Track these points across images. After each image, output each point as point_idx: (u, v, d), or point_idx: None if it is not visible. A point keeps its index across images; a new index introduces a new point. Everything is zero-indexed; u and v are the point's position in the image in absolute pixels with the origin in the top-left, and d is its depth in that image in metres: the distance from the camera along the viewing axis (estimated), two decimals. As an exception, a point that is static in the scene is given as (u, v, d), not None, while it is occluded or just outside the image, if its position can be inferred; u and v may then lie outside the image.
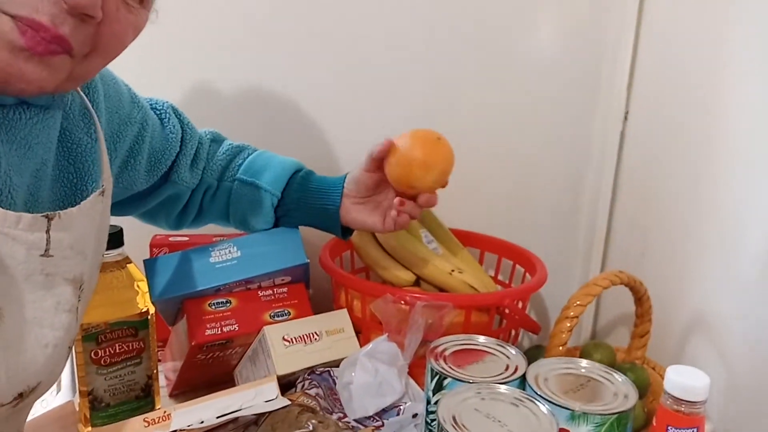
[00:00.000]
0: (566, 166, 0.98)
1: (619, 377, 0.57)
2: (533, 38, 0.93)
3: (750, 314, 0.67)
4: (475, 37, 0.92)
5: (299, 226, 0.78)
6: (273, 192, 0.76)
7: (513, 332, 0.82)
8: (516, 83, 0.94)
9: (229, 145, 0.80)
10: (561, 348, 0.67)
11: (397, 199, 0.72)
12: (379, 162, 0.73)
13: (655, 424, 0.52)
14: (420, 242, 0.85)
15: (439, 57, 0.92)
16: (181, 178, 0.74)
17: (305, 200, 0.77)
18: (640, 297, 0.75)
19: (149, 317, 0.71)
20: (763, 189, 0.67)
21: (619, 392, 0.55)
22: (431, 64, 0.93)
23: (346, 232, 0.79)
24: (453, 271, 0.80)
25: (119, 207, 0.72)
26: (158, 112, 0.73)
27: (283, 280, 0.76)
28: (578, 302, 0.68)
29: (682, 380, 0.50)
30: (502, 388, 0.55)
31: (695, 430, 0.50)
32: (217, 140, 0.80)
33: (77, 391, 0.72)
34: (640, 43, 0.90)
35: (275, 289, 0.75)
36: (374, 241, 0.87)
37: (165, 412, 0.61)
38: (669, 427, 0.50)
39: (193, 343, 0.70)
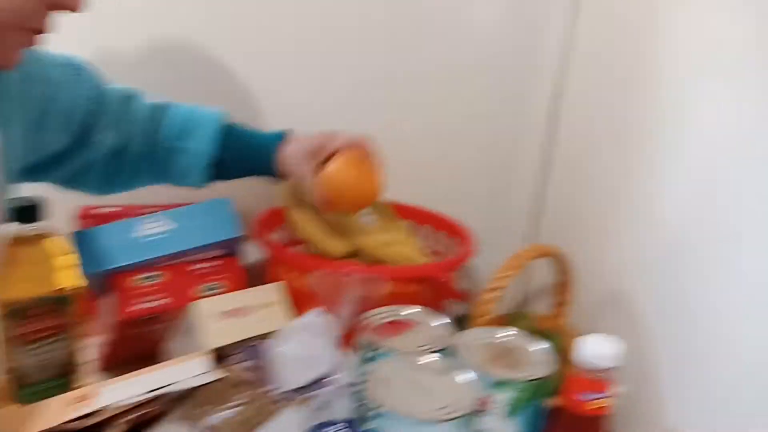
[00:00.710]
0: (501, 140, 1.01)
1: (539, 345, 0.61)
2: (471, 12, 0.94)
3: (658, 288, 0.72)
4: (410, 7, 0.92)
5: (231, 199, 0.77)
6: (207, 152, 0.75)
7: (442, 302, 0.84)
8: (453, 57, 0.95)
9: (152, 105, 0.76)
10: (485, 318, 0.70)
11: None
12: None
13: (566, 389, 0.55)
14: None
15: (374, 27, 0.92)
16: (100, 140, 0.72)
17: (238, 160, 0.77)
18: (562, 268, 0.79)
19: (75, 292, 0.69)
20: (678, 174, 0.71)
21: (538, 360, 0.59)
22: (366, 34, 0.92)
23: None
24: (388, 243, 0.82)
25: (36, 172, 0.70)
26: (71, 69, 0.70)
27: (215, 253, 0.75)
28: (503, 274, 0.70)
29: (590, 349, 0.53)
30: (429, 358, 0.57)
31: (602, 394, 0.53)
32: (133, 97, 0.76)
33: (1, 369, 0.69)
34: (578, 18, 0.92)
35: (207, 262, 0.75)
36: (310, 212, 0.87)
37: (92, 388, 0.60)
38: (578, 393, 0.54)
39: (120, 318, 0.69)
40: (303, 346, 0.66)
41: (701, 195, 0.67)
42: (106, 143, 0.73)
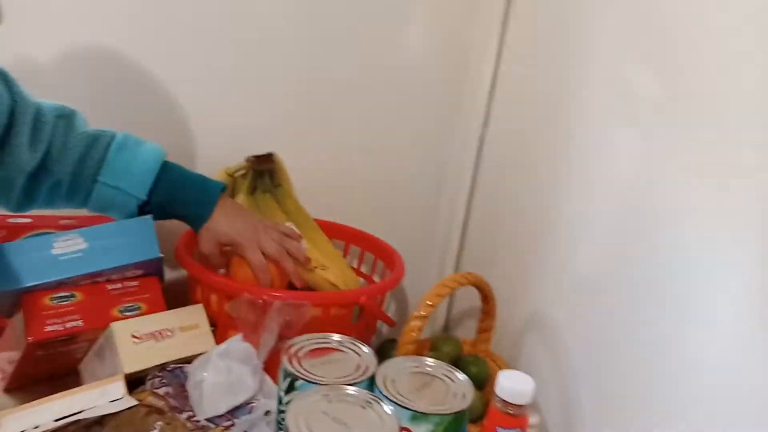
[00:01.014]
0: (429, 165, 1.03)
1: (460, 376, 0.61)
2: (403, 38, 0.96)
3: (581, 317, 0.75)
4: (345, 34, 0.92)
5: (148, 216, 0.75)
6: (138, 196, 0.73)
7: (370, 324, 0.84)
8: (385, 81, 0.96)
9: (82, 133, 0.72)
10: (411, 346, 0.70)
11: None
12: None
13: (485, 423, 0.57)
14: (284, 236, 0.85)
15: (310, 52, 0.92)
16: (15, 159, 0.67)
17: (171, 205, 0.75)
18: (485, 296, 0.81)
19: (-20, 311, 0.65)
20: (598, 210, 0.74)
21: (458, 391, 0.60)
22: (301, 57, 0.91)
23: None
24: (316, 267, 0.81)
25: None
26: None
27: (134, 273, 0.73)
28: (429, 302, 0.71)
29: (510, 385, 0.55)
30: (350, 389, 0.57)
31: (519, 430, 0.55)
32: (63, 117, 0.72)
33: None
34: (503, 50, 0.95)
35: (125, 282, 0.72)
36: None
37: (-6, 417, 0.57)
38: (498, 428, 0.55)
39: (30, 340, 0.65)
40: (224, 372, 0.65)
41: (617, 224, 0.70)
42: (24, 165, 0.69)
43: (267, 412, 0.65)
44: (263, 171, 0.88)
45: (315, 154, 0.96)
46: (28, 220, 0.80)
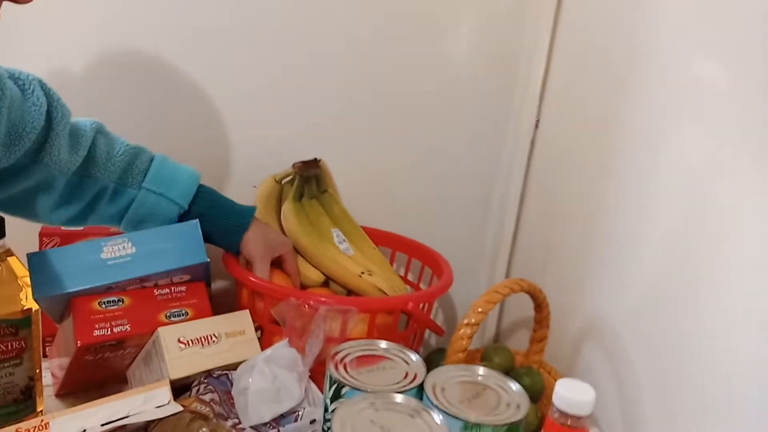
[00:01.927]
0: (478, 171, 1.00)
1: (513, 386, 0.58)
2: (451, 45, 0.94)
3: (642, 325, 0.71)
4: (394, 41, 0.91)
5: (196, 220, 0.75)
6: (181, 204, 0.75)
7: (417, 333, 0.82)
8: (433, 88, 0.95)
9: (125, 145, 0.75)
10: (461, 354, 0.68)
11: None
12: None
13: (544, 434, 0.53)
14: (331, 242, 0.84)
15: (359, 60, 0.91)
16: (54, 160, 0.69)
17: (210, 217, 0.76)
18: (539, 304, 0.77)
19: (32, 315, 0.66)
20: (656, 208, 0.70)
21: (512, 402, 0.56)
22: (351, 65, 0.91)
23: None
24: (363, 273, 0.80)
25: None
26: (20, 83, 0.67)
27: (181, 278, 0.72)
28: (479, 309, 0.68)
29: (568, 395, 0.51)
30: (398, 398, 0.54)
31: (580, 442, 0.52)
32: (102, 131, 0.75)
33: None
34: (554, 52, 0.92)
35: (173, 288, 0.72)
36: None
37: (42, 420, 0.57)
38: (556, 439, 0.52)
39: (79, 345, 0.66)
40: (269, 379, 0.63)
41: (681, 230, 0.66)
42: (63, 167, 0.70)
43: (312, 421, 0.64)
44: (309, 177, 0.88)
45: (361, 160, 0.95)
46: (80, 228, 0.82)
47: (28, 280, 0.66)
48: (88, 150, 0.72)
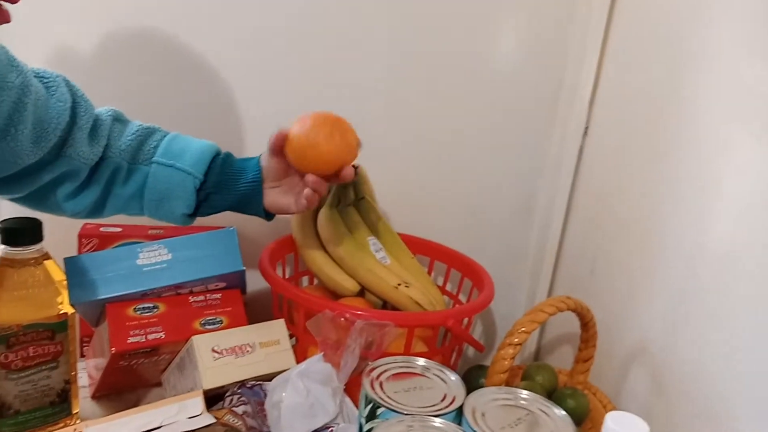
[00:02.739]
0: (522, 179, 0.97)
1: (558, 412, 0.55)
2: (495, 49, 0.91)
3: (696, 349, 0.67)
4: (436, 45, 0.89)
5: (233, 227, 0.74)
6: (195, 174, 0.72)
7: (457, 348, 0.79)
8: (477, 93, 0.92)
9: (138, 125, 0.75)
10: (502, 375, 0.65)
11: (310, 178, 0.71)
12: (279, 150, 0.72)
13: (590, 469, 0.50)
14: (367, 251, 0.82)
15: (401, 60, 0.89)
16: (77, 153, 0.69)
17: (226, 183, 0.74)
18: (586, 323, 0.74)
19: (68, 318, 0.65)
20: (714, 219, 0.66)
21: (557, 429, 0.54)
22: (391, 65, 0.89)
23: (268, 214, 0.76)
24: (399, 284, 0.77)
25: (5, 185, 0.68)
26: (45, 81, 0.68)
27: (216, 285, 0.72)
28: (523, 329, 0.66)
29: (620, 430, 0.48)
30: (437, 422, 0.52)
31: (631, 480, 0.48)
32: (120, 119, 0.75)
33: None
34: (605, 57, 0.88)
35: (207, 295, 0.71)
36: (320, 247, 0.83)
37: (75, 429, 0.57)
38: (604, 476, 0.49)
39: (113, 351, 0.65)
40: (303, 393, 0.62)
41: (737, 248, 0.62)
42: (86, 158, 0.70)
43: (346, 438, 0.62)
44: (347, 184, 0.86)
45: (400, 165, 0.93)
46: (119, 230, 0.82)
47: (65, 283, 0.66)
48: (108, 137, 0.73)
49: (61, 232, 0.70)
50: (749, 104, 0.62)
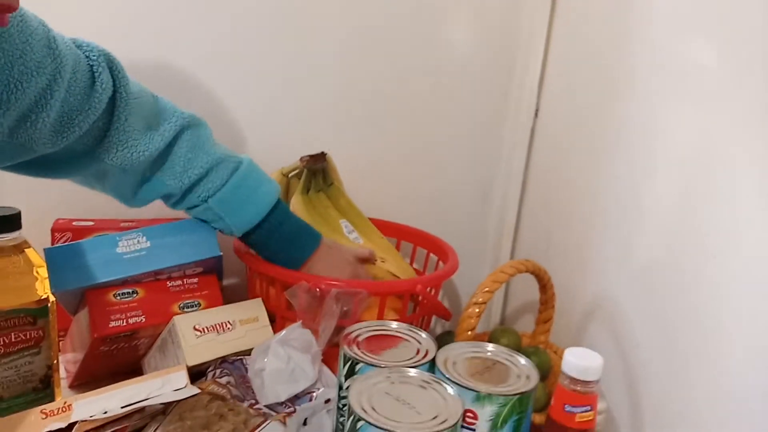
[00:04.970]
0: (479, 158, 1.02)
1: (522, 360, 0.60)
2: (448, 34, 0.96)
3: (645, 302, 0.72)
4: (392, 33, 0.93)
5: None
6: (234, 232, 0.74)
7: (425, 318, 0.84)
8: (431, 77, 0.96)
9: (212, 153, 0.70)
10: (469, 333, 0.69)
11: None
12: None
13: (553, 402, 0.55)
14: (341, 233, 0.86)
15: (358, 52, 0.93)
16: (112, 158, 0.65)
17: (265, 247, 0.75)
18: (544, 284, 0.79)
19: (49, 304, 0.67)
20: (655, 188, 0.72)
21: (521, 374, 0.58)
22: (350, 59, 0.93)
23: None
24: (376, 260, 0.81)
25: (35, 168, 0.64)
26: (90, 62, 0.62)
27: (194, 270, 0.74)
28: (486, 289, 0.70)
29: (577, 361, 0.53)
30: (412, 371, 0.56)
31: (589, 407, 0.53)
32: (191, 128, 0.69)
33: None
34: (551, 41, 0.94)
35: (185, 280, 0.73)
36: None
37: (65, 402, 0.58)
38: (566, 406, 0.53)
39: (95, 336, 0.67)
40: (284, 359, 0.65)
41: (680, 208, 0.68)
42: (126, 164, 0.67)
43: (327, 400, 0.65)
44: (317, 170, 0.89)
45: (363, 152, 0.97)
46: (91, 223, 0.83)
47: (44, 271, 0.67)
48: (163, 150, 0.68)
49: (34, 225, 0.71)
50: (684, 84, 0.68)
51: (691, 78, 0.67)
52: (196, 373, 0.68)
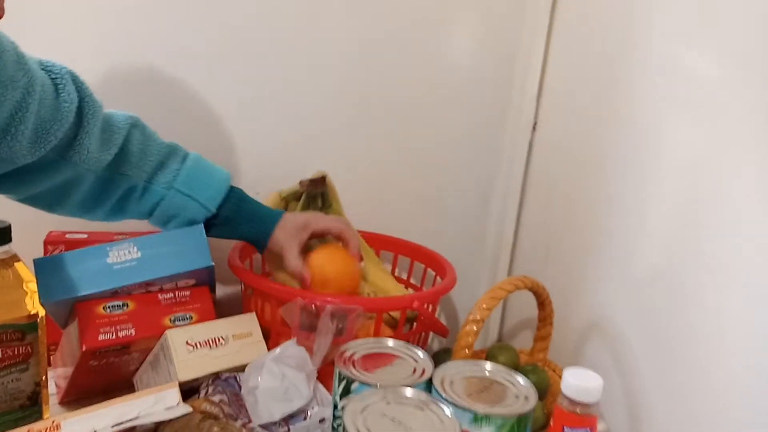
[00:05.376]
0: (477, 173, 1.01)
1: (520, 380, 0.59)
2: (447, 47, 0.95)
3: (645, 318, 0.71)
4: (389, 43, 0.93)
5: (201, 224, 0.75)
6: (209, 208, 0.75)
7: (423, 335, 0.82)
8: (429, 90, 0.96)
9: (159, 143, 0.75)
10: (467, 350, 0.68)
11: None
12: None
13: (552, 424, 0.54)
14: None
15: (356, 64, 0.92)
16: (83, 159, 0.68)
17: (236, 221, 0.77)
18: (542, 301, 0.78)
19: (39, 320, 0.66)
20: (655, 203, 0.71)
21: (520, 394, 0.57)
22: (347, 71, 0.92)
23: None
24: (369, 293, 0.80)
25: (5, 184, 0.67)
26: (53, 77, 0.66)
27: (186, 282, 0.73)
28: (484, 305, 0.69)
29: (577, 382, 0.52)
30: (408, 391, 0.55)
31: (588, 430, 0.52)
32: (138, 126, 0.74)
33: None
34: (549, 55, 0.94)
35: (177, 292, 0.72)
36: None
37: (53, 421, 0.57)
38: (565, 428, 0.52)
39: (84, 349, 0.66)
40: (278, 378, 0.64)
41: (680, 224, 0.67)
42: (93, 166, 0.70)
43: (322, 420, 0.64)
44: (316, 194, 0.88)
45: (361, 165, 0.96)
46: (84, 236, 0.82)
47: (34, 285, 0.66)
48: (121, 146, 0.72)
49: (27, 237, 0.70)
50: (687, 93, 0.67)
51: (692, 86, 0.67)
52: (188, 390, 0.67)
